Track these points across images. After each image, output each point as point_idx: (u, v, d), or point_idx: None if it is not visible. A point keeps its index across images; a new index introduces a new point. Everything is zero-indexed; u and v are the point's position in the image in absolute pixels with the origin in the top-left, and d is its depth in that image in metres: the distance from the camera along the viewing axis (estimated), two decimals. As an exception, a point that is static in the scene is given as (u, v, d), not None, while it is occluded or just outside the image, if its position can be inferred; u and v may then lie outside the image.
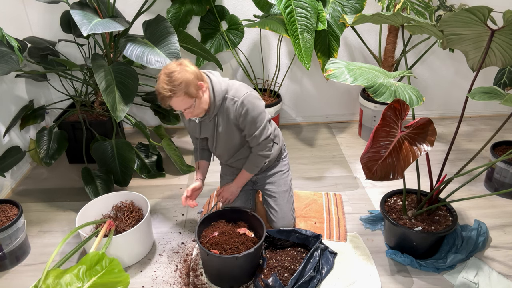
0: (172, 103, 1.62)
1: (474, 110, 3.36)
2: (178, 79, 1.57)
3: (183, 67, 1.60)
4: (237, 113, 1.73)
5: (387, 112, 1.55)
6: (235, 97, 1.73)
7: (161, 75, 1.60)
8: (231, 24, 2.86)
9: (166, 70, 1.59)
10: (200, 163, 2.02)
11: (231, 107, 1.74)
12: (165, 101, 1.61)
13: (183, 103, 1.62)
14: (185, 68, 1.60)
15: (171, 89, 1.57)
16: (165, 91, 1.57)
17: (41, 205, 2.43)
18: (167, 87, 1.57)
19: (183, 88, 1.57)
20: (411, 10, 2.48)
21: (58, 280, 1.49)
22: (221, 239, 1.84)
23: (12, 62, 2.04)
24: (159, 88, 1.59)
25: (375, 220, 2.18)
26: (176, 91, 1.57)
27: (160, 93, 1.59)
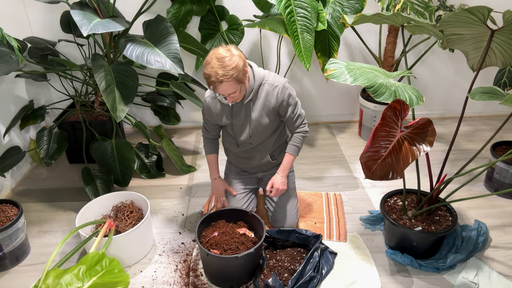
0: (220, 87, 1.67)
1: (474, 110, 3.36)
2: (230, 65, 1.62)
3: (232, 53, 1.66)
4: (280, 97, 1.83)
5: (387, 112, 1.55)
6: (275, 83, 1.83)
7: (211, 59, 1.64)
8: (231, 24, 2.86)
9: (217, 55, 1.64)
10: (213, 157, 2.08)
11: (271, 92, 1.83)
12: (215, 85, 1.66)
13: (231, 88, 1.68)
14: (235, 54, 1.66)
15: (223, 74, 1.62)
16: (217, 76, 1.62)
17: (41, 205, 2.43)
18: (220, 71, 1.61)
19: (234, 74, 1.64)
20: (411, 10, 2.48)
21: (58, 280, 1.49)
22: (221, 239, 1.84)
23: (12, 62, 2.04)
24: (211, 72, 1.63)
25: (375, 220, 2.18)
26: (228, 76, 1.62)
27: (210, 77, 1.64)
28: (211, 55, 1.66)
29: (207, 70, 1.65)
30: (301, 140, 1.97)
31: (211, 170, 2.09)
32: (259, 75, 1.82)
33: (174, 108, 3.07)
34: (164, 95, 3.04)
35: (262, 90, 1.83)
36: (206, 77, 1.66)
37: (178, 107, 3.23)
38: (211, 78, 1.64)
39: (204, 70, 1.67)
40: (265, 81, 1.83)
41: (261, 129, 1.91)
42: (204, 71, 1.67)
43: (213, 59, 1.64)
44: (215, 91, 1.70)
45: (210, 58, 1.65)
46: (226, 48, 1.67)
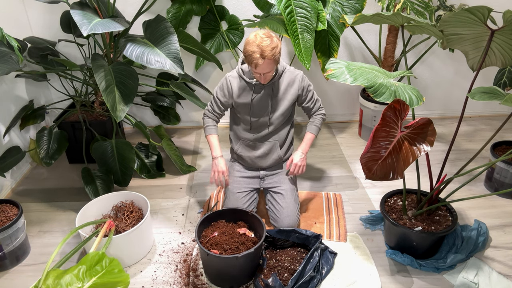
0: (262, 65, 1.77)
1: (474, 110, 3.36)
2: (275, 46, 1.76)
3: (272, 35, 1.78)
4: (302, 83, 2.01)
5: (387, 112, 1.55)
6: (295, 71, 2.01)
7: (256, 38, 1.75)
8: (231, 24, 2.86)
9: (262, 36, 1.75)
10: (215, 137, 2.10)
11: (294, 78, 2.00)
12: (258, 62, 1.76)
13: (270, 66, 1.80)
14: (274, 36, 1.79)
15: (270, 51, 1.74)
16: (264, 53, 1.73)
17: (41, 205, 2.43)
18: (267, 49, 1.73)
19: (276, 54, 1.77)
20: (411, 10, 2.48)
21: (58, 281, 1.49)
22: (221, 239, 1.84)
23: (12, 62, 2.04)
24: (256, 49, 1.74)
25: (375, 220, 2.18)
26: (272, 55, 1.75)
27: (255, 53, 1.74)
28: (254, 35, 1.77)
29: (252, 47, 1.75)
30: (320, 121, 2.10)
31: (214, 148, 2.08)
32: (282, 63, 1.99)
33: (174, 108, 3.07)
34: (164, 95, 3.04)
35: (284, 77, 1.98)
36: (250, 53, 1.75)
37: (178, 107, 3.23)
38: (255, 54, 1.74)
39: (248, 48, 1.76)
40: (287, 69, 1.99)
41: (280, 113, 2.01)
42: (249, 48, 1.76)
43: (258, 38, 1.75)
44: (255, 67, 1.79)
45: (254, 37, 1.76)
46: (265, 31, 1.79)
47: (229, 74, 2.01)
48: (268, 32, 1.80)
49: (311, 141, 2.08)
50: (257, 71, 1.82)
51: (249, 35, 1.81)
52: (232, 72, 2.02)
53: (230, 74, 2.01)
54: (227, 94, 2.02)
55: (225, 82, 2.01)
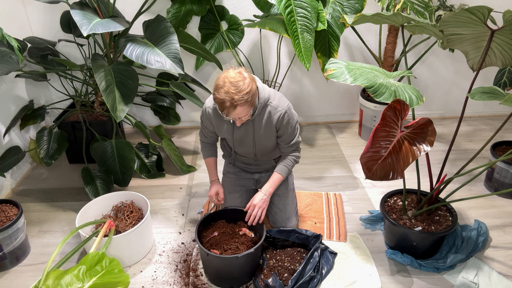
0: (234, 112, 1.63)
1: (474, 110, 3.36)
2: (245, 89, 1.59)
3: (244, 76, 1.62)
4: (280, 121, 1.81)
5: (387, 112, 1.55)
6: (279, 107, 1.80)
7: (224, 83, 1.58)
8: (231, 24, 2.86)
9: (230, 79, 1.59)
10: (212, 160, 2.06)
11: (274, 115, 1.80)
12: (229, 110, 1.61)
13: (244, 111, 1.65)
14: (247, 77, 1.62)
15: (239, 98, 1.58)
16: (233, 101, 1.58)
17: (41, 205, 2.43)
18: (236, 96, 1.57)
19: (249, 98, 1.61)
20: (411, 10, 2.48)
21: (58, 281, 1.49)
22: (221, 239, 1.84)
23: (12, 62, 2.04)
24: (226, 97, 1.58)
25: (375, 220, 2.18)
26: (243, 101, 1.59)
27: (225, 102, 1.59)
28: (223, 78, 1.60)
29: (221, 95, 1.59)
30: (292, 164, 1.93)
31: (210, 173, 2.08)
32: (263, 96, 1.77)
33: (174, 108, 3.07)
34: (164, 95, 3.04)
35: (265, 112, 1.80)
36: (219, 102, 1.61)
37: (178, 107, 3.23)
38: (225, 104, 1.59)
39: (217, 95, 1.60)
40: (269, 103, 1.80)
41: (264, 146, 1.91)
42: (217, 96, 1.60)
43: (226, 83, 1.58)
44: (227, 115, 1.65)
45: (223, 82, 1.59)
46: (237, 71, 1.63)
47: (208, 105, 1.86)
48: (240, 73, 1.62)
49: (278, 183, 1.91)
50: (231, 117, 1.68)
51: (218, 77, 1.63)
52: (210, 101, 1.86)
53: (209, 105, 1.86)
54: (209, 124, 1.93)
55: (205, 113, 1.89)
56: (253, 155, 1.96)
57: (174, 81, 2.49)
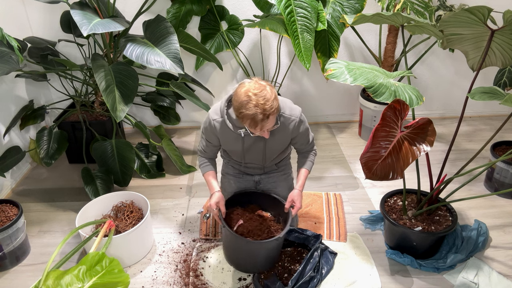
0: (267, 123, 1.58)
1: (474, 110, 3.36)
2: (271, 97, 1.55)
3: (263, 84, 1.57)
4: (296, 129, 1.79)
5: (387, 112, 1.55)
6: (292, 116, 1.76)
7: (250, 97, 1.52)
8: (231, 24, 2.85)
9: (253, 91, 1.53)
10: (212, 173, 1.91)
11: (288, 125, 1.77)
12: (263, 123, 1.56)
13: (273, 120, 1.61)
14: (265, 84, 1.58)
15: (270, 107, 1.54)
16: (265, 112, 1.53)
17: (41, 205, 2.43)
18: (267, 106, 1.52)
19: (277, 104, 1.57)
20: (411, 10, 2.48)
21: (58, 281, 1.49)
22: (251, 226, 1.82)
23: (12, 62, 2.04)
24: (257, 110, 1.52)
25: (375, 220, 2.18)
26: (274, 109, 1.55)
27: (256, 115, 1.53)
28: (244, 93, 1.53)
29: (251, 110, 1.52)
30: (314, 157, 1.95)
31: (211, 186, 1.88)
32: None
33: (174, 108, 3.07)
34: (164, 95, 3.04)
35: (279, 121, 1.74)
36: (250, 117, 1.53)
37: (178, 107, 3.23)
38: (257, 117, 1.53)
39: (246, 111, 1.53)
40: (281, 113, 1.74)
41: (273, 154, 1.90)
42: (247, 112, 1.53)
43: (251, 97, 1.52)
44: (261, 129, 1.59)
45: (247, 97, 1.52)
46: (252, 81, 1.58)
47: (213, 118, 1.76)
48: (257, 82, 1.56)
49: (306, 177, 1.91)
50: (264, 130, 1.61)
51: (237, 94, 1.55)
52: (216, 114, 1.77)
53: (214, 118, 1.76)
54: (213, 138, 1.83)
55: (210, 127, 1.79)
56: (261, 162, 1.94)
57: (174, 81, 2.49)
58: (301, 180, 1.90)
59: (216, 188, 1.85)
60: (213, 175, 1.91)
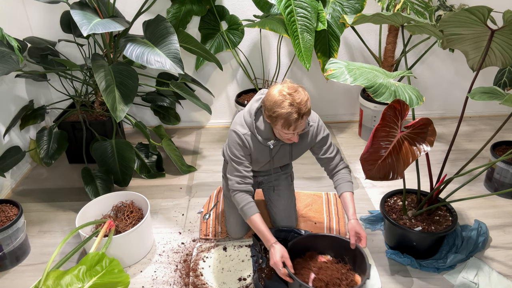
0: (301, 123, 1.55)
1: (474, 110, 3.36)
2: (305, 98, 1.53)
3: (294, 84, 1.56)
4: (314, 135, 1.76)
5: (387, 112, 1.55)
6: (310, 121, 1.75)
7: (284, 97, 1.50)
8: (231, 24, 2.86)
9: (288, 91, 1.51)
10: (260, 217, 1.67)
11: (308, 130, 1.74)
12: (298, 123, 1.53)
13: (305, 123, 1.59)
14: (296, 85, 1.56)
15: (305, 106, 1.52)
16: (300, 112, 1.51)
17: (41, 205, 2.43)
18: (301, 106, 1.51)
19: (310, 106, 1.56)
20: (411, 10, 2.48)
21: (58, 281, 1.49)
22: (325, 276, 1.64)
23: (12, 62, 2.04)
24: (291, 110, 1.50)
25: (375, 220, 2.18)
26: (308, 108, 1.55)
27: (291, 114, 1.50)
28: (278, 92, 1.52)
29: (286, 109, 1.49)
30: (350, 175, 1.82)
31: (266, 236, 1.64)
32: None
33: (174, 108, 3.07)
34: (164, 95, 3.04)
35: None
36: (285, 116, 1.50)
37: (178, 107, 3.23)
38: (292, 116, 1.50)
39: (281, 110, 1.50)
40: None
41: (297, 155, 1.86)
42: (281, 111, 1.50)
43: (286, 96, 1.50)
44: (292, 130, 1.56)
45: (282, 96, 1.50)
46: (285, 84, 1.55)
47: (242, 132, 1.69)
48: (290, 83, 1.55)
49: (354, 201, 1.76)
50: (294, 132, 1.58)
51: (271, 94, 1.53)
52: (243, 128, 1.70)
53: (243, 132, 1.69)
54: (247, 151, 1.72)
55: (240, 140, 1.69)
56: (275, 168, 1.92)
57: (174, 81, 2.49)
58: (351, 207, 1.72)
59: (273, 239, 1.63)
60: (261, 218, 1.66)
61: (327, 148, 1.80)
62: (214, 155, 2.92)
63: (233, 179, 1.71)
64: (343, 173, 1.81)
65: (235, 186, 1.70)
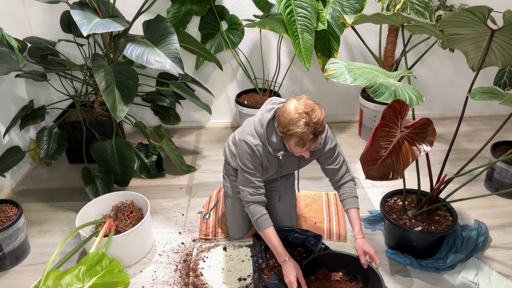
0: (315, 143, 1.54)
1: (474, 110, 3.36)
2: (321, 117, 1.50)
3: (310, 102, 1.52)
4: (322, 146, 1.73)
5: (387, 112, 1.55)
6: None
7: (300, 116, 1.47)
8: (231, 24, 2.86)
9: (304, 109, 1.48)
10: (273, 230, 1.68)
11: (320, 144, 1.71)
12: (312, 142, 1.52)
13: (319, 141, 1.58)
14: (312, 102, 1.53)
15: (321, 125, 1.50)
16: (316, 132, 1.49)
17: (41, 205, 2.43)
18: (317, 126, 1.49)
19: (325, 124, 1.54)
20: (411, 10, 2.48)
21: (58, 281, 1.49)
22: None
23: (12, 62, 2.04)
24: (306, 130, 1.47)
25: (375, 220, 2.18)
26: (323, 127, 1.53)
27: (306, 134, 1.48)
28: (295, 110, 1.48)
29: (301, 128, 1.47)
30: (355, 189, 1.79)
31: (278, 251, 1.65)
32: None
33: (174, 108, 3.07)
34: (164, 95, 3.04)
35: None
36: (299, 136, 1.48)
37: (178, 107, 3.23)
38: (307, 136, 1.48)
39: (296, 129, 1.47)
40: None
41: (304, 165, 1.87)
42: (297, 130, 1.47)
43: (302, 114, 1.47)
44: (305, 149, 1.54)
45: (298, 114, 1.47)
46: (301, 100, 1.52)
47: (253, 142, 1.67)
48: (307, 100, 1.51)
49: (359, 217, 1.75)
50: (307, 149, 1.56)
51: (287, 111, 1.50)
52: (254, 139, 1.68)
53: (255, 143, 1.67)
54: (258, 161, 1.71)
55: (251, 151, 1.67)
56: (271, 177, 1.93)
57: (174, 81, 2.49)
58: (357, 225, 1.69)
59: (286, 255, 1.63)
60: (274, 231, 1.67)
61: (334, 159, 1.78)
62: (214, 155, 2.92)
63: (246, 190, 1.70)
64: (348, 187, 1.79)
65: (248, 198, 1.70)
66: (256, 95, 3.09)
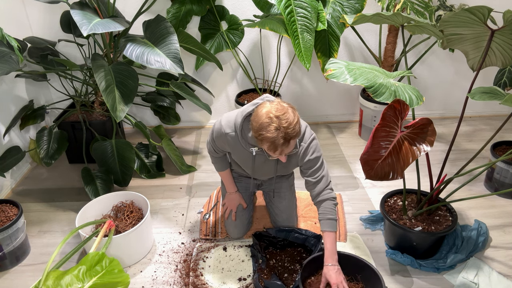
0: (288, 147, 1.50)
1: (474, 110, 3.36)
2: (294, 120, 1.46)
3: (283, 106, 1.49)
4: (301, 156, 1.69)
5: (387, 112, 1.55)
6: (301, 141, 1.69)
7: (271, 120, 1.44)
8: (231, 24, 2.86)
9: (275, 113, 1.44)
10: (228, 172, 1.98)
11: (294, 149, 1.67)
12: (283, 147, 1.48)
13: (293, 145, 1.53)
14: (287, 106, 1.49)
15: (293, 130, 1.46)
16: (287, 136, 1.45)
17: (41, 205, 2.43)
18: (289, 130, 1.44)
19: (299, 128, 1.49)
20: (411, 10, 2.48)
21: (58, 281, 1.49)
22: None
23: (12, 62, 2.04)
24: (277, 134, 1.44)
25: (375, 220, 2.18)
26: (296, 132, 1.48)
27: (277, 139, 1.44)
28: (265, 114, 1.45)
29: (272, 133, 1.43)
30: (334, 210, 1.67)
31: (228, 185, 2.01)
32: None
33: (174, 108, 3.07)
34: (164, 95, 3.04)
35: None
36: (270, 141, 1.44)
37: (178, 107, 3.23)
38: (278, 141, 1.44)
39: (267, 134, 1.44)
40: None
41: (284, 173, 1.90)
42: (267, 135, 1.44)
43: (273, 119, 1.43)
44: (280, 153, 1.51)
45: (268, 119, 1.43)
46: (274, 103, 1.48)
47: (226, 130, 1.68)
48: (279, 103, 1.47)
49: (335, 242, 1.63)
50: (283, 154, 1.54)
51: (258, 115, 1.47)
52: (229, 128, 1.68)
53: (227, 131, 1.68)
54: (225, 147, 1.77)
55: (220, 136, 1.72)
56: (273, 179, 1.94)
57: (174, 81, 2.49)
58: (330, 251, 1.60)
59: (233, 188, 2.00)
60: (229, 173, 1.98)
61: (313, 171, 1.70)
62: (214, 155, 2.92)
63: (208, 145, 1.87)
64: (325, 206, 1.68)
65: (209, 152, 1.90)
66: (256, 95, 3.09)
